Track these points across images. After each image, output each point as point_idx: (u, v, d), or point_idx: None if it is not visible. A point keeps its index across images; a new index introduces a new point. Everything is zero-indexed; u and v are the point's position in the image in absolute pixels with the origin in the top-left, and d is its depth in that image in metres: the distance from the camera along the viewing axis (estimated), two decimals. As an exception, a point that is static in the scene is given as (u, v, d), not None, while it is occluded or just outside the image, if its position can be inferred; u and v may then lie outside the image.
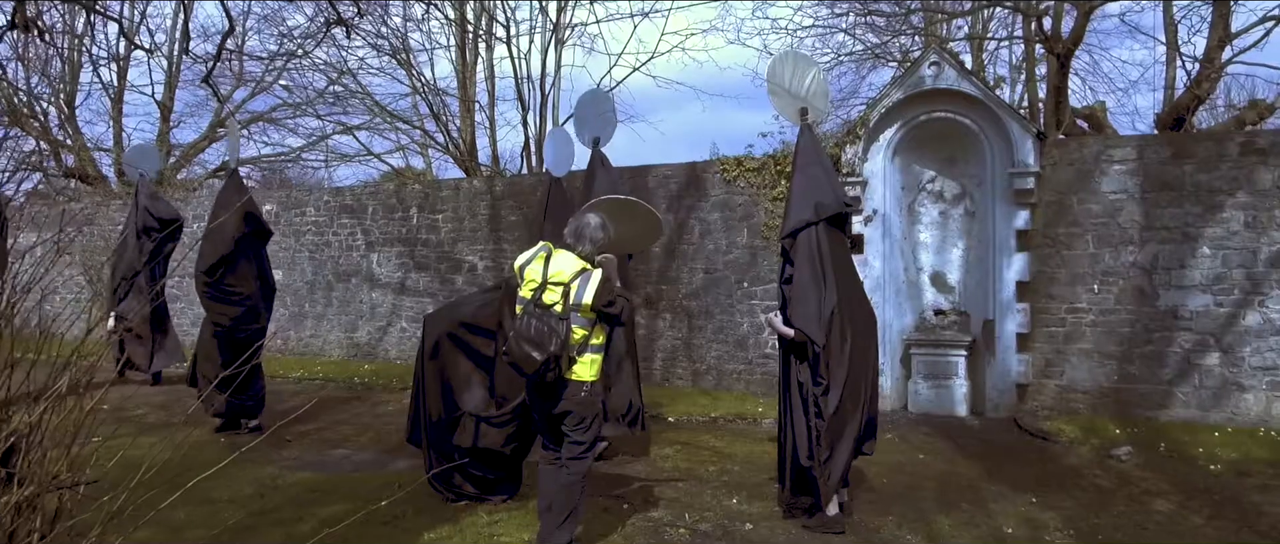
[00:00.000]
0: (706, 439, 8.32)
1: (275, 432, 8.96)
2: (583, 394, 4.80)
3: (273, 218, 14.81)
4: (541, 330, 4.56)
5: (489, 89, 15.07)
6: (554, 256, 4.78)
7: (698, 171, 11.05)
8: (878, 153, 9.88)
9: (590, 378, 4.81)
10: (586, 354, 4.78)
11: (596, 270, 4.79)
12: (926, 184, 10.14)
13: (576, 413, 4.81)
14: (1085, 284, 9.26)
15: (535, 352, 4.54)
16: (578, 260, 4.78)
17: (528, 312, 4.66)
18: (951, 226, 10.08)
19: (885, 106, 9.74)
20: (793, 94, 5.90)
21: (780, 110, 6.05)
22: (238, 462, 7.46)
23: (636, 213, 5.19)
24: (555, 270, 4.73)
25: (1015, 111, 9.74)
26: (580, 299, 4.66)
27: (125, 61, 20.20)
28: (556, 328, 4.57)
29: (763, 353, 10.61)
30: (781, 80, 5.94)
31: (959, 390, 9.54)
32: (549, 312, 4.62)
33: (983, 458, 7.69)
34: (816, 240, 5.47)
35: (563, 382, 4.75)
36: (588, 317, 4.73)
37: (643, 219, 5.22)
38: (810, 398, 5.39)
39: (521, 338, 4.58)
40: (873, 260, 9.84)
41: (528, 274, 4.80)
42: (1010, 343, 9.39)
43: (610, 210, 5.12)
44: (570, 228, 4.84)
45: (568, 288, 4.66)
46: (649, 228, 5.30)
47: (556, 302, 4.66)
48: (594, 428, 4.95)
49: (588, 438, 4.91)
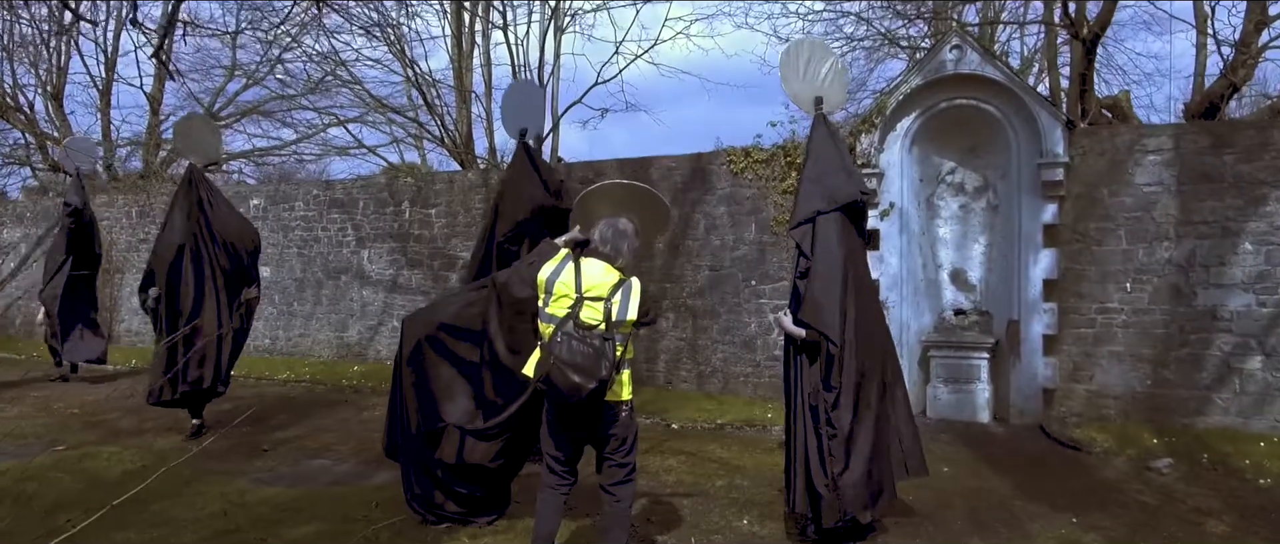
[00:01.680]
0: (713, 449, 7.75)
1: (248, 439, 8.48)
2: (624, 414, 4.31)
3: (260, 212, 14.27)
4: (587, 354, 4.01)
5: (485, 78, 14.51)
6: (585, 267, 4.24)
7: (703, 163, 10.47)
8: (894, 143, 9.30)
9: (629, 396, 4.33)
10: (624, 371, 4.28)
11: (634, 280, 4.28)
12: (946, 176, 9.55)
13: (619, 435, 4.33)
14: (1117, 282, 8.68)
15: (581, 377, 3.98)
16: (612, 270, 4.26)
17: (566, 332, 4.09)
18: (973, 221, 9.49)
19: (903, 93, 9.15)
20: (807, 83, 5.52)
21: (794, 99, 5.67)
22: (206, 474, 6.94)
23: (641, 202, 4.62)
24: (591, 283, 4.19)
25: (1043, 98, 9.15)
26: (624, 315, 4.16)
27: (113, 53, 19.66)
28: (604, 350, 4.04)
29: (771, 355, 10.03)
30: (795, 68, 5.56)
31: (981, 395, 8.95)
32: (592, 332, 4.08)
33: (1012, 470, 7.12)
34: (837, 230, 5.07)
35: (603, 405, 4.23)
36: (625, 331, 4.22)
37: (649, 209, 4.65)
38: (821, 407, 4.91)
39: (564, 363, 4.01)
40: (889, 257, 9.26)
41: (558, 288, 4.24)
42: (1036, 345, 8.81)
43: (615, 200, 4.55)
44: (603, 234, 4.31)
45: (609, 304, 4.14)
46: (655, 219, 4.73)
47: (598, 320, 4.13)
48: (635, 449, 4.46)
49: (632, 459, 4.42)
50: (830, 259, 5.03)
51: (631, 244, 4.34)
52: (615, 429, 4.29)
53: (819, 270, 5.02)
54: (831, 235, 5.06)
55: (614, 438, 4.30)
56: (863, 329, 5.02)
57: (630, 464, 4.38)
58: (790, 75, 5.56)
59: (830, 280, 4.99)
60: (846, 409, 4.91)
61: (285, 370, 12.57)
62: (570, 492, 4.50)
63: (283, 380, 11.98)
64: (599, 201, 4.51)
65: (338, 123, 17.41)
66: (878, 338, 5.19)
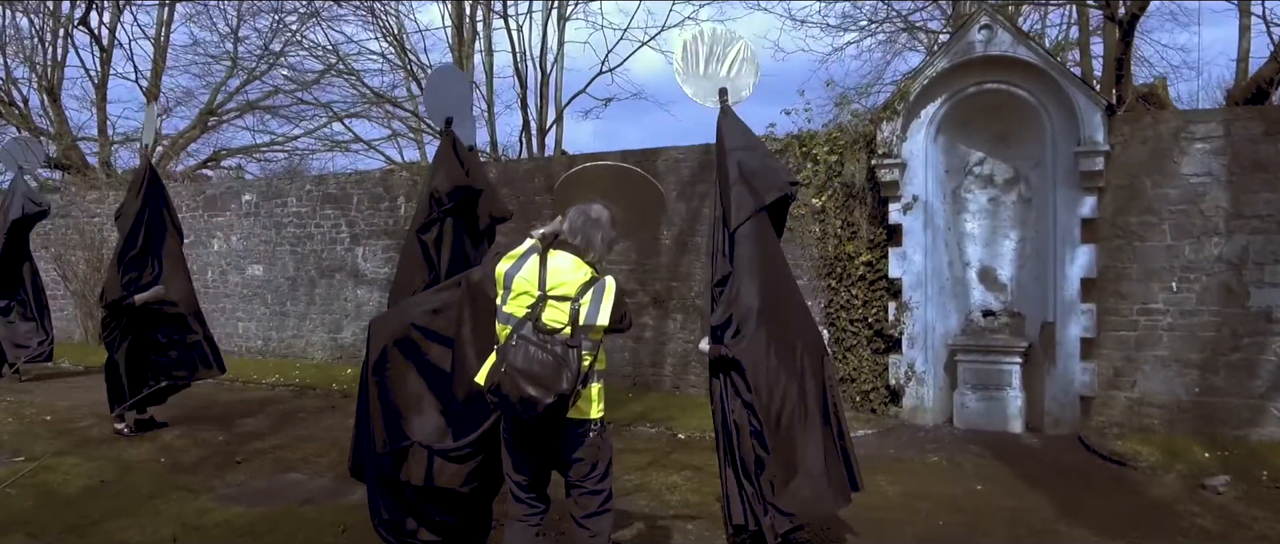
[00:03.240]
0: (722, 462, 7.10)
1: (223, 449, 7.90)
2: (593, 435, 3.69)
3: (252, 208, 13.73)
4: (546, 362, 3.42)
5: (486, 67, 13.90)
6: (551, 261, 3.63)
7: (713, 155, 9.80)
8: (918, 131, 8.63)
9: (598, 414, 3.71)
10: (593, 384, 3.66)
11: (607, 277, 3.67)
12: (974, 166, 8.88)
13: (585, 459, 3.71)
14: (1161, 281, 7.99)
15: (536, 390, 3.40)
16: (582, 265, 3.65)
17: (523, 336, 3.50)
18: (1003, 215, 8.82)
19: (928, 77, 8.48)
20: (709, 76, 5.11)
21: (695, 95, 5.16)
22: (169, 490, 6.35)
23: (632, 187, 4.00)
24: (557, 280, 3.59)
25: (1081, 81, 8.46)
26: (593, 320, 3.55)
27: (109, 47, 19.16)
28: (566, 358, 3.44)
29: (786, 358, 9.37)
30: (695, 62, 5.13)
31: (1013, 403, 8.28)
32: (554, 337, 3.49)
33: (1052, 488, 6.45)
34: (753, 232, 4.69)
35: (566, 422, 3.63)
36: (596, 339, 3.61)
37: (640, 196, 4.03)
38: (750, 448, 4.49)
39: (519, 372, 3.42)
40: (913, 254, 8.60)
41: (519, 285, 3.63)
42: (1073, 349, 8.13)
43: (600, 186, 3.94)
44: (573, 222, 3.71)
45: (576, 305, 3.54)
46: (649, 206, 4.10)
47: (562, 323, 3.53)
48: (610, 474, 3.84)
49: (606, 486, 3.80)
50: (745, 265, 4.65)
51: (606, 235, 3.74)
52: (581, 453, 3.67)
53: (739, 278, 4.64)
54: (747, 238, 4.66)
55: (580, 462, 3.69)
56: (783, 338, 4.62)
57: (604, 492, 3.76)
58: (688, 70, 5.12)
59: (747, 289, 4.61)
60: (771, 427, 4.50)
61: (275, 373, 12.01)
62: (543, 520, 3.89)
63: (270, 384, 11.41)
64: (581, 187, 3.89)
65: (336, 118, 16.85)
66: (805, 343, 4.73)
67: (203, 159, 20.98)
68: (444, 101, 6.44)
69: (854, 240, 8.93)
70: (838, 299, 8.99)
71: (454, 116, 6.44)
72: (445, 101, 6.44)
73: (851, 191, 8.93)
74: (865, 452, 7.59)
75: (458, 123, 6.49)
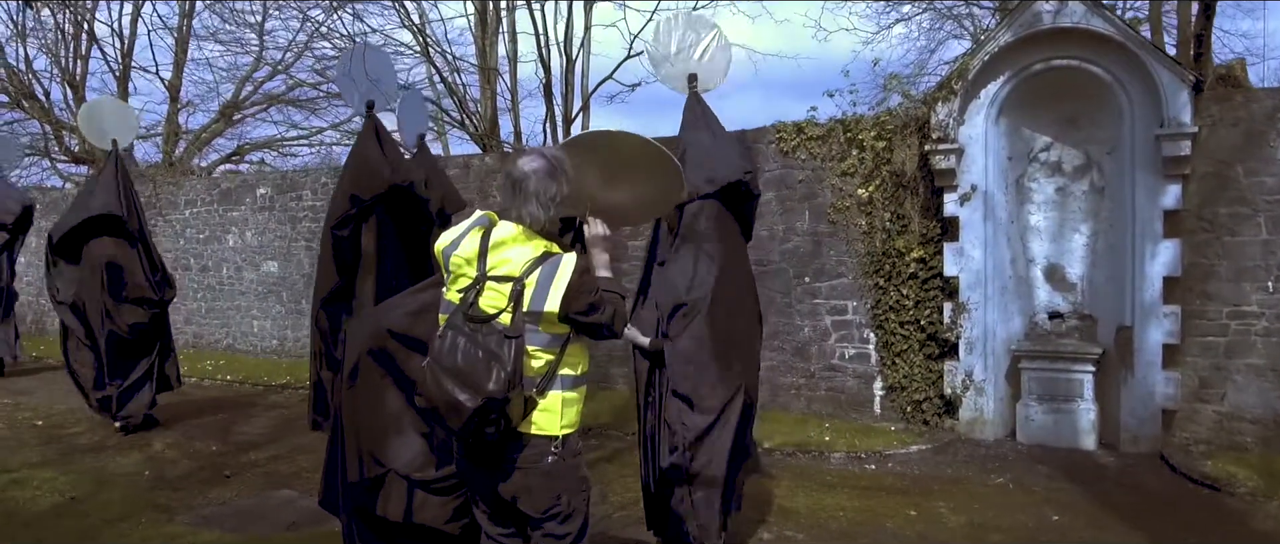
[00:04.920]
0: (757, 482, 6.33)
1: (215, 460, 7.29)
2: (549, 460, 2.94)
3: (267, 202, 13.20)
4: (473, 357, 2.76)
5: (510, 54, 13.24)
6: (495, 235, 2.94)
7: (748, 142, 9.04)
8: (978, 113, 7.78)
9: (562, 429, 2.96)
10: (554, 390, 2.94)
11: (568, 255, 2.92)
12: (1040, 153, 8.01)
13: (542, 490, 2.97)
14: (1255, 280, 7.08)
15: (461, 392, 2.74)
16: (531, 237, 2.93)
17: (453, 325, 2.86)
18: (1072, 206, 7.94)
19: (989, 53, 7.63)
20: (680, 61, 5.01)
21: (666, 81, 5.10)
22: (146, 509, 5.69)
23: (640, 158, 3.23)
24: (498, 258, 2.90)
25: (1166, 55, 7.55)
26: (540, 304, 2.82)
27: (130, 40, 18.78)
28: (499, 352, 2.76)
29: (827, 364, 8.59)
30: (666, 47, 5.03)
31: (1085, 417, 7.41)
32: (489, 326, 2.82)
33: (1140, 519, 5.61)
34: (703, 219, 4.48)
35: (515, 438, 2.92)
36: (555, 331, 2.90)
37: (654, 169, 3.27)
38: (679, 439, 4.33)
39: (443, 370, 2.78)
40: (971, 249, 7.75)
41: (454, 265, 2.98)
42: (1154, 356, 7.24)
43: (598, 159, 3.19)
44: (503, 181, 3.05)
45: (520, 286, 2.83)
46: (664, 182, 3.33)
47: (501, 308, 2.84)
48: (579, 514, 3.10)
49: (570, 530, 3.07)
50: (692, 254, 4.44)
51: (546, 193, 2.93)
52: (534, 479, 2.93)
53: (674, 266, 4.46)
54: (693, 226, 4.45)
55: (532, 493, 2.95)
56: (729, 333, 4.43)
57: (569, 535, 3.03)
58: (660, 55, 5.03)
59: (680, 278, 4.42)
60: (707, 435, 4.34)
61: (288, 375, 11.42)
62: None
63: (281, 386, 10.82)
64: (576, 165, 3.14)
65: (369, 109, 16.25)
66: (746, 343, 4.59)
67: (226, 154, 20.56)
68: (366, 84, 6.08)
69: (904, 235, 8.10)
70: (886, 299, 8.16)
71: (376, 100, 6.12)
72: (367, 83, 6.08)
73: (902, 181, 8.10)
74: (919, 470, 6.80)
75: (380, 106, 6.20)
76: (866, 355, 8.36)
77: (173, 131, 19.10)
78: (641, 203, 3.32)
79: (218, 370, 11.72)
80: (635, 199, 3.27)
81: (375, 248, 5.90)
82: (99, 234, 7.95)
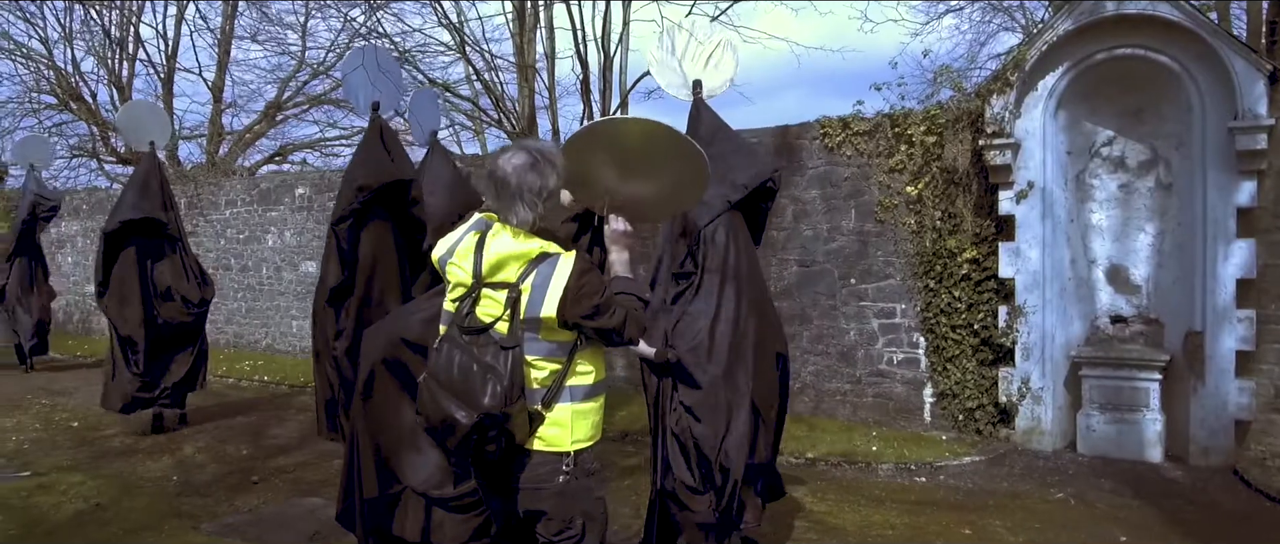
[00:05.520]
0: (800, 496, 6.03)
1: (242, 465, 7.14)
2: (560, 479, 2.71)
3: (305, 202, 13.14)
4: (468, 370, 2.58)
5: (548, 50, 12.98)
6: (491, 239, 2.71)
7: (791, 138, 8.72)
8: (1035, 105, 7.37)
9: (573, 445, 2.73)
10: (563, 403, 2.71)
11: (567, 254, 2.68)
12: (1102, 147, 7.57)
13: (553, 513, 2.76)
14: (1339, 283, 6.60)
15: (456, 408, 2.58)
16: (527, 238, 2.69)
17: (450, 338, 2.67)
18: (1137, 204, 7.49)
19: (1047, 42, 7.21)
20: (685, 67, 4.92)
21: (668, 86, 4.94)
22: (168, 517, 5.54)
23: (658, 146, 2.92)
24: (494, 259, 2.66)
25: (1240, 41, 7.08)
26: (537, 310, 2.60)
27: (175, 42, 18.94)
28: (494, 365, 2.57)
29: (875, 369, 8.23)
30: (671, 52, 4.94)
31: (1151, 427, 6.98)
32: (485, 336, 2.62)
33: (1212, 539, 5.22)
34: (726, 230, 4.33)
35: (521, 455, 2.73)
36: (559, 338, 2.67)
37: (674, 157, 2.96)
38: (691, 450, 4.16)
39: (438, 384, 2.62)
40: (1027, 250, 7.35)
41: (451, 272, 2.78)
42: (1226, 363, 6.78)
43: (614, 151, 2.90)
44: (487, 181, 2.78)
45: (516, 291, 2.60)
46: (686, 172, 2.99)
47: (498, 316, 2.64)
48: (594, 538, 2.85)
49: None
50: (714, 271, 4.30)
51: (525, 184, 2.64)
52: (545, 501, 2.72)
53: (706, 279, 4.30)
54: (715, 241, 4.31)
55: (545, 517, 2.74)
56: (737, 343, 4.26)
57: None
58: (663, 61, 4.92)
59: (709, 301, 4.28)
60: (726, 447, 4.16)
61: (324, 376, 11.31)
62: None
63: (316, 388, 10.71)
64: (590, 156, 2.86)
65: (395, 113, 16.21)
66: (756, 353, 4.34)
67: (269, 154, 20.68)
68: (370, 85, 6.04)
69: (956, 234, 7.71)
70: (937, 302, 7.78)
71: (380, 100, 6.10)
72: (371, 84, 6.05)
73: (953, 178, 7.71)
74: (972, 483, 6.44)
75: (385, 107, 6.20)
76: (916, 360, 7.99)
77: (216, 132, 19.24)
78: (662, 195, 3.00)
79: (256, 370, 11.67)
80: (657, 191, 2.98)
81: (374, 248, 5.82)
82: (140, 235, 8.05)
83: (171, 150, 19.48)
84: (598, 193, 2.89)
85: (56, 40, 18.77)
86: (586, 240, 3.03)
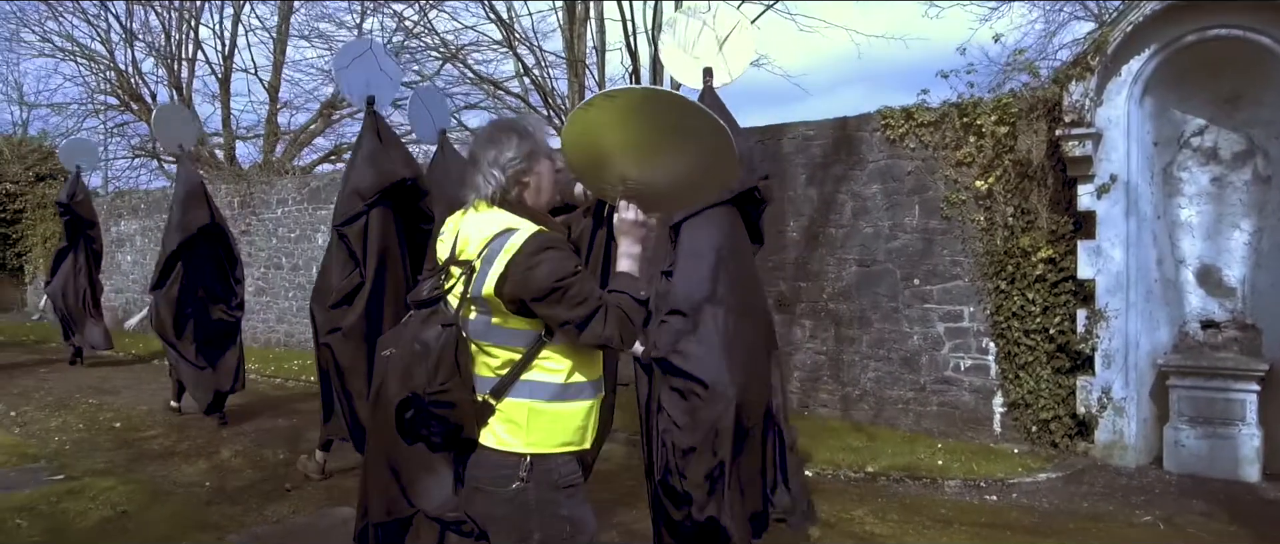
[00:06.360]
0: (859, 515, 5.58)
1: (278, 471, 6.94)
2: (513, 486, 2.38)
3: (353, 201, 13.01)
4: (409, 347, 2.41)
5: (598, 44, 12.69)
6: (466, 219, 2.49)
7: (850, 130, 8.24)
8: (1118, 92, 6.80)
9: (530, 448, 2.39)
10: (518, 398, 2.39)
11: (524, 228, 2.38)
12: (1192, 137, 6.97)
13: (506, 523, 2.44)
14: None
15: (396, 387, 2.47)
16: (495, 214, 2.44)
17: (412, 315, 2.55)
18: (1231, 199, 6.87)
19: (1132, 23, 6.64)
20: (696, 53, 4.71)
21: (677, 73, 4.80)
22: (194, 528, 5.33)
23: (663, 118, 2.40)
24: (463, 239, 2.46)
25: (1353, 18, 6.43)
26: (480, 288, 2.36)
27: (232, 42, 19.09)
28: (434, 344, 2.34)
29: (940, 376, 7.72)
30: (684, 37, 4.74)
31: (1247, 443, 6.37)
32: (434, 312, 2.46)
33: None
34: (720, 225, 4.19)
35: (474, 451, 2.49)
36: (515, 325, 2.37)
37: (688, 134, 2.43)
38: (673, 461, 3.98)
39: (388, 365, 2.51)
40: (1109, 249, 6.78)
41: (439, 252, 2.60)
42: (1335, 374, 6.16)
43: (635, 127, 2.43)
44: None
45: (469, 268, 2.37)
46: (705, 152, 2.46)
47: (452, 293, 2.47)
48: None
49: None
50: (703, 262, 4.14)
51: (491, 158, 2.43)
52: (498, 507, 2.42)
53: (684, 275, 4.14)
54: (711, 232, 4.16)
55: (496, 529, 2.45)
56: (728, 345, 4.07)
57: None
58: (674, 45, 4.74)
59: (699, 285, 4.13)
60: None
61: (373, 377, 11.17)
62: None
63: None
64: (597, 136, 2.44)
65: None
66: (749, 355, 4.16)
67: (324, 153, 20.74)
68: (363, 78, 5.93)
69: (1030, 232, 7.17)
70: (1008, 305, 7.24)
71: (376, 95, 6.04)
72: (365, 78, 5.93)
73: (1027, 171, 7.17)
74: (1048, 502, 5.92)
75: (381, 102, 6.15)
76: (985, 367, 7.47)
77: (272, 132, 19.34)
78: (680, 180, 2.55)
79: (303, 370, 11.56)
80: (673, 175, 2.53)
81: (380, 245, 5.81)
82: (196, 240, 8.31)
83: (229, 150, 19.67)
84: (610, 179, 2.51)
85: (118, 42, 19.09)
86: (603, 235, 2.67)
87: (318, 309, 6.03)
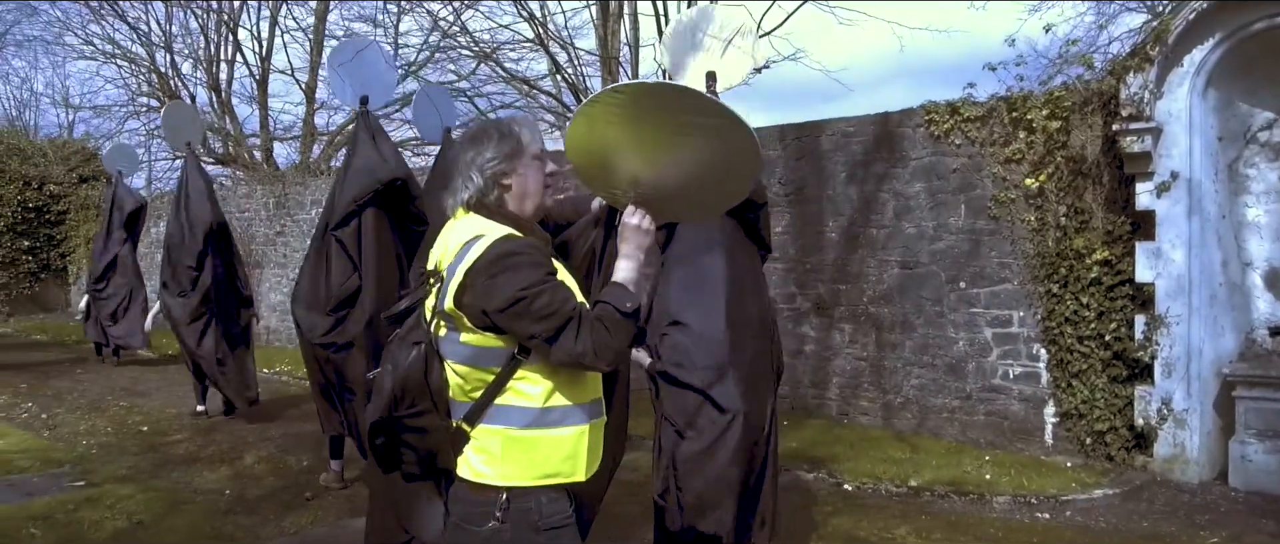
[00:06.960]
0: (902, 534, 5.27)
1: (300, 478, 6.77)
2: (489, 525, 2.09)
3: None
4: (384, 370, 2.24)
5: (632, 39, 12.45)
6: (448, 226, 2.28)
7: (892, 126, 7.90)
8: (1180, 84, 6.40)
9: (505, 481, 2.10)
10: (491, 424, 2.12)
11: (491, 233, 2.13)
12: (1260, 132, 6.54)
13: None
14: None
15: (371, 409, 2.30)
16: (472, 220, 2.22)
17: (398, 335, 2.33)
18: (1304, 198, 6.44)
19: (1195, 10, 6.23)
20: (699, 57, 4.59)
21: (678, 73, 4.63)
22: (209, 540, 5.23)
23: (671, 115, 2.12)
24: (443, 247, 2.24)
25: None
26: (443, 302, 2.13)
27: (269, 44, 19.16)
28: (401, 361, 2.18)
29: (987, 384, 7.35)
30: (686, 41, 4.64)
31: (1322, 459, 5.94)
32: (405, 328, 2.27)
33: None
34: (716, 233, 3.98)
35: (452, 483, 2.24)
36: (483, 343, 2.10)
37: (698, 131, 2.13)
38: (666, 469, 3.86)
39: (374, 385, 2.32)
40: (1170, 251, 6.38)
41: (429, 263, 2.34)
42: None
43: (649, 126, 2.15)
44: None
45: (441, 279, 2.18)
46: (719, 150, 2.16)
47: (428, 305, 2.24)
48: None
49: None
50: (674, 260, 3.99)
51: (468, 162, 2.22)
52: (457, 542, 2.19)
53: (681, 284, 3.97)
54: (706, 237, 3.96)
55: None
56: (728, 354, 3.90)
57: None
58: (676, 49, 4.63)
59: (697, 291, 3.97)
60: None
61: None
62: None
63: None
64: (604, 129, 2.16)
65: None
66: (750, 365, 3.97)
67: (345, 149, 20.78)
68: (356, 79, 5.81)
69: (1085, 232, 6.78)
70: (1061, 309, 6.85)
71: (370, 95, 5.97)
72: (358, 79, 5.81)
73: (1081, 168, 6.78)
74: (1105, 521, 5.55)
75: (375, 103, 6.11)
76: (1035, 375, 7.08)
77: (309, 132, 19.38)
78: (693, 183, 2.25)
79: (334, 373, 11.47)
80: (685, 178, 2.23)
81: (374, 247, 5.75)
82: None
83: (266, 151, 19.76)
84: (620, 183, 2.24)
85: (157, 45, 19.24)
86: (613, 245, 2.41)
87: (302, 312, 5.93)
